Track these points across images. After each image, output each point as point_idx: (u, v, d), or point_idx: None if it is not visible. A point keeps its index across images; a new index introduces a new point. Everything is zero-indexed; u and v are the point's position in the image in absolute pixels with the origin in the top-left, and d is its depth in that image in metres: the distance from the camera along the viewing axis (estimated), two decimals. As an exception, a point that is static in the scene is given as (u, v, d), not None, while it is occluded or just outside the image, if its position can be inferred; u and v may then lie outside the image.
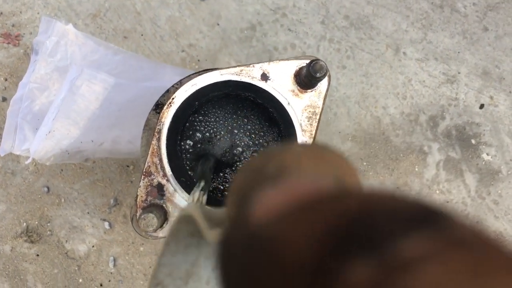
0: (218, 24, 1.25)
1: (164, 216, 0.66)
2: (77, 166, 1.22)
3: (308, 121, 0.70)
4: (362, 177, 1.18)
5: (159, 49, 1.24)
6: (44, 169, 1.22)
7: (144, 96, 0.98)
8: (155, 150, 0.68)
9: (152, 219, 0.61)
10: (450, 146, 1.25)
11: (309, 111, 0.70)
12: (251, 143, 0.82)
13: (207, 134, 0.81)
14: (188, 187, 0.70)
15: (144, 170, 0.68)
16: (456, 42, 1.26)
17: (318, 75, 0.63)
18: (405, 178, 1.24)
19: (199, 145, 0.81)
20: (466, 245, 0.14)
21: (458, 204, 1.24)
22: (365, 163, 1.25)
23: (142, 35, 1.24)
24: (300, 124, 0.70)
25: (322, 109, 0.70)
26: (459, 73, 1.26)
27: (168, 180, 0.68)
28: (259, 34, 1.25)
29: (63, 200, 1.22)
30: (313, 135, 0.70)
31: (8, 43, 1.23)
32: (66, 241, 1.22)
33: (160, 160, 0.68)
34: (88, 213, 1.23)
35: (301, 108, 0.70)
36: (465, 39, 1.27)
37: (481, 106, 1.26)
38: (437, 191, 1.24)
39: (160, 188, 0.68)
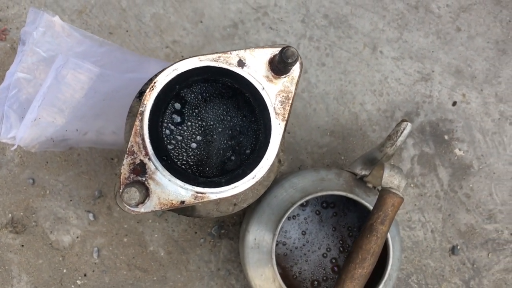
0: (201, 22, 1.29)
1: (145, 191, 0.70)
2: (62, 158, 1.25)
3: (281, 105, 0.75)
4: (340, 170, 1.22)
5: (143, 45, 1.27)
6: (30, 161, 1.24)
7: (128, 87, 1.01)
8: (138, 130, 0.72)
9: (134, 192, 0.65)
10: (424, 142, 1.30)
11: (282, 96, 0.75)
12: (227, 126, 0.87)
13: (188, 116, 0.86)
14: (168, 166, 0.73)
15: (127, 149, 0.71)
16: (431, 42, 1.32)
17: (289, 60, 0.68)
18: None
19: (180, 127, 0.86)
20: None
21: (431, 198, 1.29)
22: (343, 157, 1.29)
23: (127, 31, 1.27)
24: (274, 107, 0.75)
25: (295, 94, 0.74)
26: (433, 71, 1.31)
27: (149, 159, 0.72)
28: (241, 32, 1.29)
29: (48, 192, 1.25)
30: (285, 118, 0.74)
31: (-5, 37, 1.26)
32: (51, 232, 1.25)
33: (143, 139, 0.72)
34: (72, 204, 1.25)
35: (275, 93, 0.75)
36: (439, 38, 1.32)
37: (454, 103, 1.31)
38: (412, 185, 1.29)
39: (142, 166, 0.72)
